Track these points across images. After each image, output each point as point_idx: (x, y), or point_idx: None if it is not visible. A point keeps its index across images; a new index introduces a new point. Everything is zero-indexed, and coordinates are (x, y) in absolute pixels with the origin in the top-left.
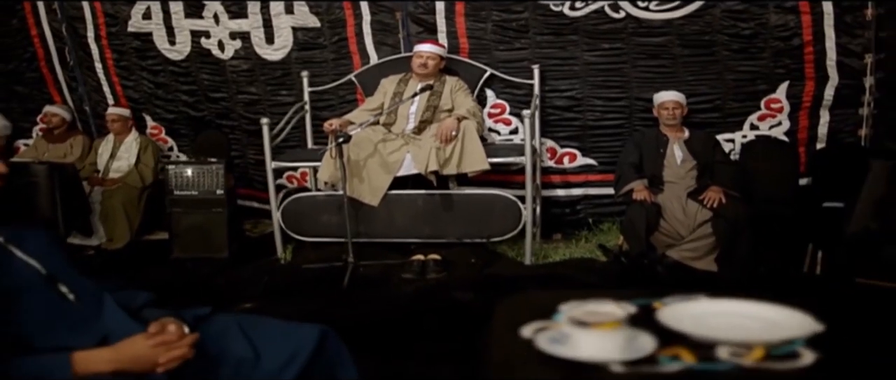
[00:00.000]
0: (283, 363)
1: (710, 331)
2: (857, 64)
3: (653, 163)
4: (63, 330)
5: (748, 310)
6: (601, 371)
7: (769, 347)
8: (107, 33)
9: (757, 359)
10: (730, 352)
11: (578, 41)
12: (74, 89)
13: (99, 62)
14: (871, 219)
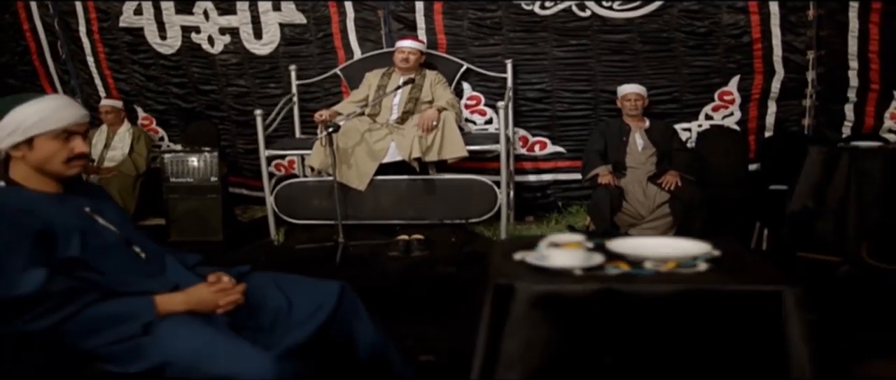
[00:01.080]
0: (311, 312)
1: (642, 252)
2: (801, 60)
3: (616, 150)
4: (141, 280)
5: (670, 243)
6: (567, 274)
7: (679, 260)
8: (98, 28)
9: (670, 267)
10: (652, 263)
11: (548, 38)
12: (66, 82)
13: (91, 56)
14: (808, 199)
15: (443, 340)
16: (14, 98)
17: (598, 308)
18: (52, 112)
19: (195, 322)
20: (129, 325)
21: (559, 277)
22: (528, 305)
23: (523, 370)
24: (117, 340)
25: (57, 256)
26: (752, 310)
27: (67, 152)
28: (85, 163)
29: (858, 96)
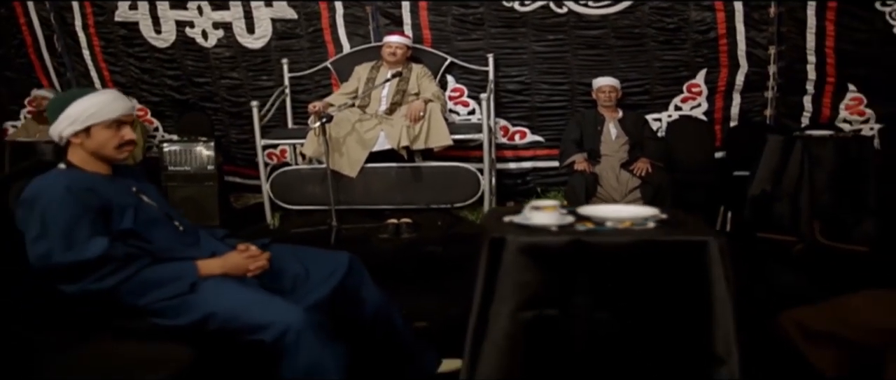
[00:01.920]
0: (325, 277)
1: (604, 215)
2: (763, 54)
3: (591, 139)
4: (183, 248)
5: (628, 208)
6: (546, 230)
7: (633, 220)
8: (94, 22)
9: (626, 225)
10: (612, 222)
11: (527, 33)
12: (62, 74)
13: (86, 49)
14: (766, 183)
15: (433, 309)
16: (72, 93)
17: (569, 256)
18: (106, 104)
19: (232, 282)
20: (177, 285)
21: (540, 232)
22: (516, 253)
23: (513, 305)
24: (167, 298)
25: (114, 228)
26: (688, 257)
27: (118, 139)
28: (132, 148)
29: (816, 89)
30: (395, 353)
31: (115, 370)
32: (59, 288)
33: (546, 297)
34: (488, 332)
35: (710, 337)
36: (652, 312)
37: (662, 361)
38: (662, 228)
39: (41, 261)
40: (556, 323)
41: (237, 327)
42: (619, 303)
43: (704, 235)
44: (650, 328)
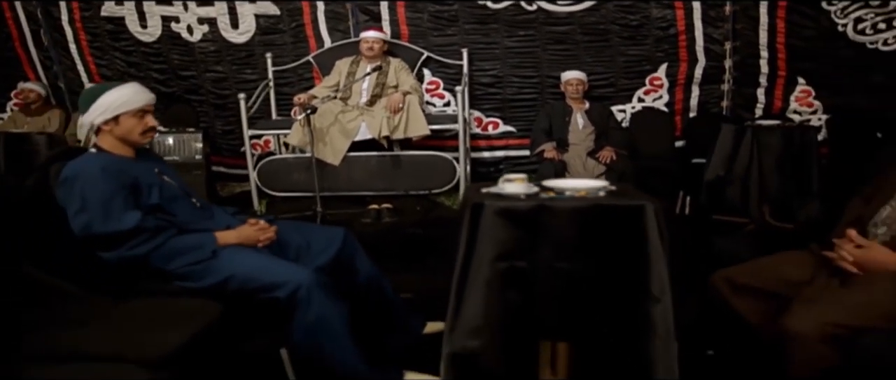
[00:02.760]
0: (324, 247)
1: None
2: (719, 49)
3: (560, 129)
4: (202, 222)
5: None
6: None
7: (588, 190)
8: (81, 17)
9: (581, 194)
10: (570, 192)
11: (499, 29)
12: (49, 68)
13: (73, 43)
14: (720, 169)
15: (416, 282)
16: (100, 87)
17: (535, 218)
18: (132, 95)
19: (246, 250)
20: (200, 252)
21: (511, 199)
22: (492, 216)
23: (490, 257)
24: (191, 263)
25: (142, 204)
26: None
27: (143, 126)
28: (153, 134)
29: (768, 82)
30: (387, 315)
31: (160, 320)
32: (99, 255)
33: (516, 251)
34: (470, 279)
35: (647, 281)
36: (601, 262)
37: (610, 301)
38: (610, 196)
39: (83, 231)
40: (525, 272)
41: (254, 287)
42: (576, 255)
43: (642, 201)
44: (600, 275)
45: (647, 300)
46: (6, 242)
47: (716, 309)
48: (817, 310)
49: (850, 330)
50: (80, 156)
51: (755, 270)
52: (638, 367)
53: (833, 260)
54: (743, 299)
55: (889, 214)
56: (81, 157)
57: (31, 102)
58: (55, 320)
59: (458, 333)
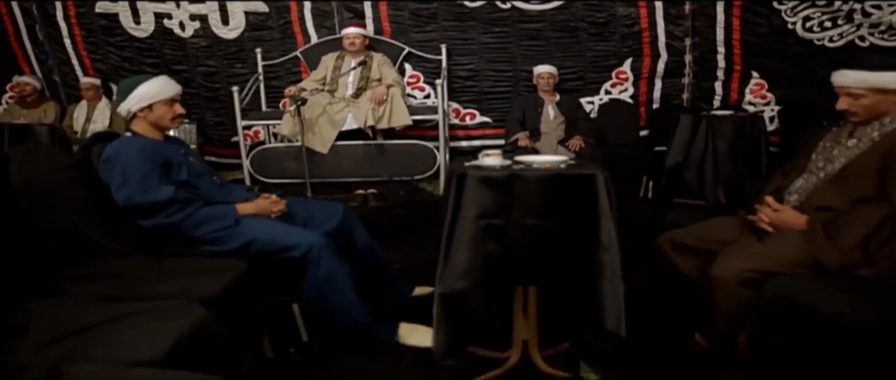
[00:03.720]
0: (326, 219)
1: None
2: (680, 45)
3: (533, 119)
4: (223, 195)
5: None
6: (493, 168)
7: (551, 163)
8: (75, 13)
9: (546, 166)
10: (537, 164)
11: (476, 26)
12: (44, 62)
13: (68, 38)
14: (679, 155)
15: (403, 256)
16: (137, 79)
17: (508, 184)
18: (164, 87)
19: (263, 219)
20: (224, 220)
21: (489, 169)
22: (474, 182)
23: (472, 216)
24: (217, 230)
25: (174, 179)
26: (584, 184)
27: (172, 113)
28: (179, 121)
29: (725, 75)
30: (382, 279)
31: (201, 271)
32: (137, 223)
33: (494, 211)
34: (457, 234)
35: (598, 234)
36: (562, 219)
37: (570, 251)
38: (569, 167)
39: (126, 203)
40: (501, 228)
41: (273, 249)
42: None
43: (594, 171)
44: (561, 230)
45: (598, 249)
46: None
47: (660, 264)
48: (736, 260)
49: (761, 274)
50: (116, 139)
51: (692, 233)
52: (591, 304)
53: (754, 222)
54: (681, 256)
55: (800, 185)
56: (119, 139)
57: (26, 95)
58: (111, 272)
59: (448, 277)
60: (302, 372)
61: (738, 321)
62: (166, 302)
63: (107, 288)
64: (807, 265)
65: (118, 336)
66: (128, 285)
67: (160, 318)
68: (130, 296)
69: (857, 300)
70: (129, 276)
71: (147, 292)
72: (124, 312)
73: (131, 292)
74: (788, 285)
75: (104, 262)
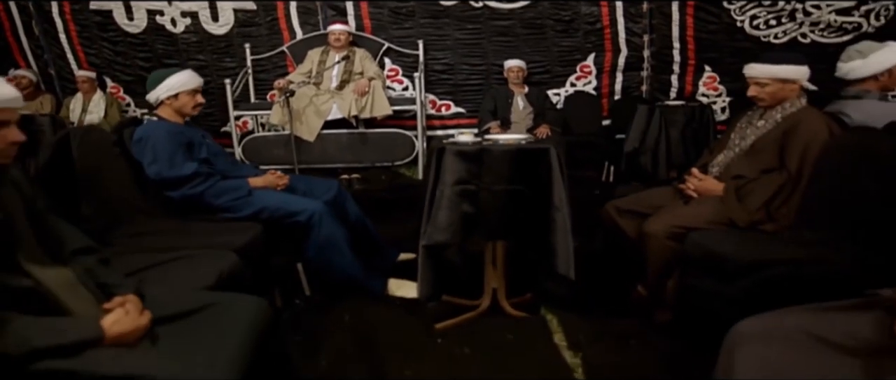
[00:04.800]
0: (324, 192)
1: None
2: (639, 41)
3: (503, 109)
4: (236, 171)
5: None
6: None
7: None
8: (70, 10)
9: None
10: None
11: (450, 23)
12: (39, 56)
13: (63, 33)
14: (636, 142)
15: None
16: (165, 72)
17: (479, 156)
18: (189, 79)
19: (271, 191)
20: (239, 192)
21: (463, 144)
22: (451, 155)
23: (450, 182)
24: (234, 199)
25: (195, 157)
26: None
27: (194, 102)
28: (200, 108)
29: (680, 69)
30: (371, 244)
31: (225, 230)
32: (167, 194)
33: (467, 178)
34: (437, 197)
35: (552, 196)
36: (523, 185)
37: (529, 211)
38: (528, 143)
39: (156, 176)
40: (473, 192)
41: (281, 215)
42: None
43: (548, 145)
44: (523, 194)
45: (552, 209)
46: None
47: (607, 226)
48: (666, 219)
49: (685, 230)
50: (144, 123)
51: (633, 200)
52: (547, 253)
53: (683, 189)
54: (624, 219)
55: (721, 159)
56: (147, 123)
57: (23, 88)
58: (152, 230)
59: (431, 231)
60: (307, 318)
61: (666, 268)
62: (206, 250)
63: (151, 242)
64: (722, 223)
65: (174, 273)
66: (167, 240)
67: (204, 261)
68: (172, 248)
69: (757, 248)
70: (167, 233)
71: (185, 245)
72: (173, 257)
73: (172, 245)
74: (706, 238)
75: (144, 222)
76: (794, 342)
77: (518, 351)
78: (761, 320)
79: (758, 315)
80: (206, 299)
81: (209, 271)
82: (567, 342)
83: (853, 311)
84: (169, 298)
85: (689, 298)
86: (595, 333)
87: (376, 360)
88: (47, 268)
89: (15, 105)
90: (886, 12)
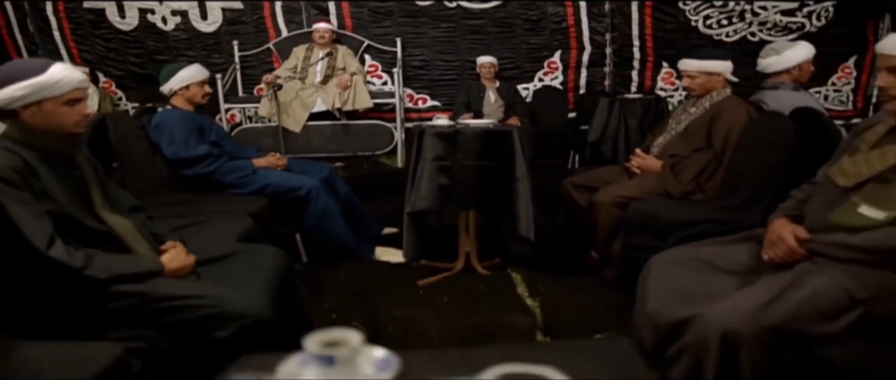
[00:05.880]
0: (317, 172)
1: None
2: (602, 39)
3: (476, 103)
4: (241, 153)
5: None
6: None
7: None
8: (64, 8)
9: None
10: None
11: (426, 22)
12: (34, 52)
13: (57, 31)
14: (598, 131)
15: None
16: (178, 65)
17: (454, 137)
18: (198, 72)
19: (273, 170)
20: (246, 170)
21: (440, 127)
22: (430, 135)
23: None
24: (241, 177)
25: (206, 140)
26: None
27: (203, 92)
28: (208, 97)
29: (640, 65)
30: (359, 218)
31: (238, 201)
32: (182, 172)
33: (444, 155)
34: (418, 171)
35: (514, 170)
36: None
37: (496, 183)
38: (494, 126)
39: (173, 156)
40: (449, 167)
41: (283, 190)
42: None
43: (511, 128)
44: (491, 168)
45: (515, 180)
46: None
47: (565, 199)
48: (612, 190)
49: (628, 199)
50: (160, 110)
51: (586, 176)
52: (511, 217)
53: (627, 167)
54: (578, 192)
55: (661, 141)
56: (163, 111)
57: None
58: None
59: (414, 200)
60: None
61: (613, 232)
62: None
63: (176, 211)
64: (659, 193)
65: (205, 231)
66: (189, 209)
67: (225, 222)
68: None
69: (686, 211)
70: (188, 204)
71: (205, 212)
72: (199, 220)
73: (194, 212)
74: (645, 205)
75: (166, 194)
76: (691, 266)
77: (488, 298)
78: (668, 253)
79: (666, 251)
80: (235, 247)
81: (232, 230)
82: (528, 292)
83: (735, 243)
84: (204, 247)
85: (631, 254)
86: (552, 286)
87: (370, 305)
88: (115, 218)
89: (85, 85)
90: (826, 13)
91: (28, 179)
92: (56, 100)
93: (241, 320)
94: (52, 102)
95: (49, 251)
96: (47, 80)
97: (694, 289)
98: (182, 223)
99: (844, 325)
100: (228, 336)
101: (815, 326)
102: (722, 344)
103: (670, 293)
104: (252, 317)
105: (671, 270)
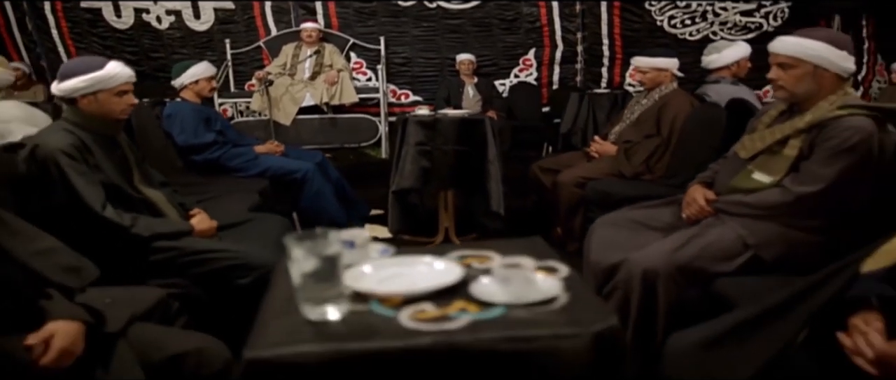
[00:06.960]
0: (312, 157)
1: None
2: (573, 38)
3: (456, 97)
4: (244, 140)
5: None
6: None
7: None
8: (62, 8)
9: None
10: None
11: (408, 22)
12: (32, 49)
13: (55, 29)
14: (569, 124)
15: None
16: (188, 63)
17: (433, 125)
18: (207, 68)
19: (271, 155)
20: (248, 155)
21: (422, 116)
22: (413, 123)
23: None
24: (244, 161)
25: (212, 128)
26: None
27: (210, 86)
28: (215, 91)
29: (609, 62)
30: (349, 201)
31: (243, 183)
32: (191, 158)
33: (425, 140)
34: (403, 155)
35: (487, 153)
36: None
37: (471, 165)
38: (470, 116)
39: (184, 143)
40: (430, 151)
41: (282, 173)
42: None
43: (484, 117)
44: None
45: (487, 163)
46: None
47: (533, 182)
48: (573, 171)
49: (587, 179)
50: (171, 102)
51: (552, 160)
52: (484, 195)
53: (587, 152)
54: (544, 175)
55: (617, 130)
56: (174, 103)
57: (17, 80)
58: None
59: (399, 179)
60: None
61: (573, 210)
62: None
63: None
64: (614, 174)
65: (222, 204)
66: (202, 188)
67: (238, 197)
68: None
69: (635, 189)
70: (200, 184)
71: (217, 190)
72: (213, 195)
73: (207, 191)
74: (602, 184)
75: (179, 177)
76: (624, 226)
77: None
78: (608, 216)
79: (607, 214)
80: (248, 216)
81: (243, 203)
82: None
83: (661, 206)
84: (222, 215)
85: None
86: None
87: None
88: (150, 190)
89: (133, 80)
90: (783, 14)
91: (84, 155)
92: (109, 91)
93: (260, 269)
94: (106, 93)
95: (103, 212)
96: (105, 74)
97: (626, 242)
98: (198, 199)
99: (738, 265)
100: (249, 283)
101: (715, 265)
102: (643, 280)
103: (608, 246)
104: (269, 267)
105: (610, 229)
